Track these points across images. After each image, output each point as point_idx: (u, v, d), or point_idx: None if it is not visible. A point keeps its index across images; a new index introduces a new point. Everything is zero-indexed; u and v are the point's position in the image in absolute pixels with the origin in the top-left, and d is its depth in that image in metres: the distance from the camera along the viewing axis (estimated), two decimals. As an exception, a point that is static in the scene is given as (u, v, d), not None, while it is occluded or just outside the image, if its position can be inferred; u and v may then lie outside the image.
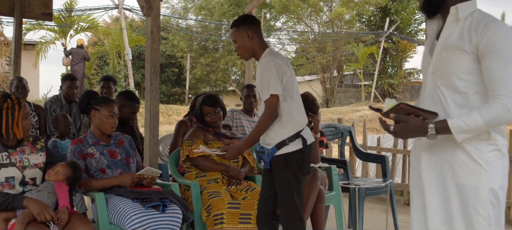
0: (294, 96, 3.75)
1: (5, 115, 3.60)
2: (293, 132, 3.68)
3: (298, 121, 3.73)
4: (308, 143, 3.72)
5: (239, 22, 3.87)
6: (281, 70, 3.66)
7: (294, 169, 3.69)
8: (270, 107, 3.65)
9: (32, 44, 24.26)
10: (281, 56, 3.86)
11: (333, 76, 32.70)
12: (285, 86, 3.68)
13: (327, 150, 8.11)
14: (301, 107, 3.81)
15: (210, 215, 4.30)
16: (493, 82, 2.43)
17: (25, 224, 3.43)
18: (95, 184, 4.11)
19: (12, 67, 7.77)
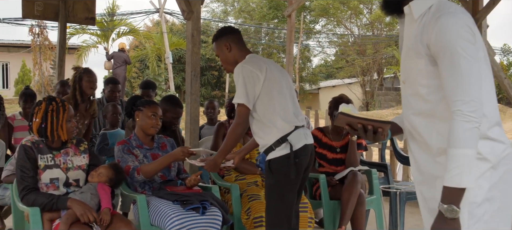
0: (275, 100, 3.60)
1: (50, 117, 3.69)
2: (278, 137, 3.55)
3: (281, 125, 3.57)
4: (296, 147, 3.54)
5: (217, 36, 3.83)
6: (252, 77, 3.55)
7: (278, 175, 3.56)
8: (238, 117, 3.59)
9: (76, 48, 24.72)
10: (257, 61, 3.69)
11: (373, 79, 32.43)
12: (262, 92, 3.57)
13: (367, 153, 8.04)
14: (285, 110, 3.62)
15: (249, 217, 4.31)
16: (447, 91, 2.12)
17: (69, 224, 3.49)
18: (151, 167, 4.14)
19: (56, 70, 7.92)
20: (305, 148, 3.61)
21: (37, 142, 3.73)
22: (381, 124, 2.29)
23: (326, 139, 5.23)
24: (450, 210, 2.05)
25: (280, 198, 3.58)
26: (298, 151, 3.55)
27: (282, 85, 3.67)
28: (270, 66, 3.68)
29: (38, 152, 3.70)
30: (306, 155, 3.62)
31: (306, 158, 3.64)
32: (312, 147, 3.72)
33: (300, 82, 30.95)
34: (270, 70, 3.63)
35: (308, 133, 3.71)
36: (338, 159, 5.16)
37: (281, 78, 3.70)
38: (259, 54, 32.12)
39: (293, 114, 3.66)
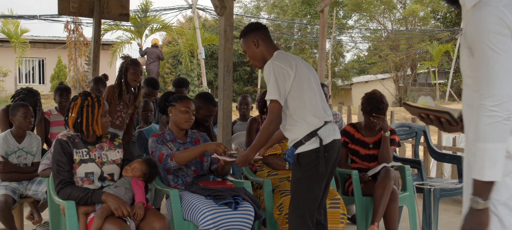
0: (306, 96, 3.63)
1: (86, 112, 3.75)
2: (308, 131, 3.58)
3: (311, 120, 3.60)
4: (325, 142, 3.58)
5: (245, 32, 3.86)
6: (283, 73, 3.58)
7: (306, 169, 3.60)
8: (271, 113, 3.60)
9: (110, 44, 25.01)
10: (286, 57, 3.71)
11: (407, 74, 32.11)
12: (293, 88, 3.60)
13: (400, 149, 7.97)
14: (315, 106, 3.65)
15: (281, 213, 4.31)
16: (478, 83, 2.12)
17: (103, 218, 3.54)
18: (185, 154, 4.16)
19: (91, 66, 8.03)
20: (334, 142, 3.64)
21: (72, 137, 3.80)
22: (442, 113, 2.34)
23: (359, 135, 5.20)
24: (474, 201, 2.09)
25: (306, 191, 3.61)
26: (328, 145, 3.59)
27: (311, 81, 3.70)
28: (299, 62, 3.71)
29: (74, 147, 3.76)
30: (334, 149, 3.65)
31: (334, 153, 3.67)
32: (340, 142, 3.75)
33: (333, 78, 30.82)
34: (299, 66, 3.66)
35: (336, 128, 3.74)
36: (371, 155, 5.13)
37: (309, 74, 3.73)
38: (291, 50, 32.24)
39: (322, 109, 3.68)
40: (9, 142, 5.03)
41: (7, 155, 5.01)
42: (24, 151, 5.09)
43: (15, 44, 23.92)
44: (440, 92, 28.98)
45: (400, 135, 6.18)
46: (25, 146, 5.10)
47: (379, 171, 4.92)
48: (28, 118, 5.03)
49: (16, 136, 5.07)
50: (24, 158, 5.10)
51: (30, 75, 27.49)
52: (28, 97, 5.61)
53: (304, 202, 3.61)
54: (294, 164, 3.69)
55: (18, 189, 5.00)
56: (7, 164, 4.98)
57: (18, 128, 5.06)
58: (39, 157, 5.17)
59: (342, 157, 5.24)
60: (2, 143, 4.98)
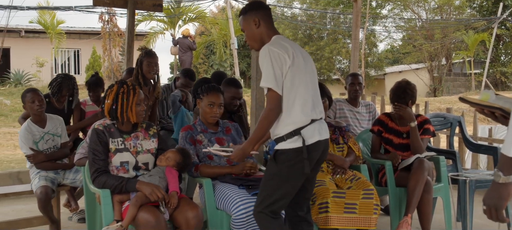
0: (297, 89, 3.39)
1: (121, 99, 3.80)
2: (291, 129, 3.36)
3: (296, 117, 3.37)
4: (308, 142, 3.36)
5: (246, 10, 3.62)
6: (280, 60, 3.34)
7: (282, 167, 3.39)
8: (269, 102, 3.37)
9: (143, 34, 25.23)
10: (284, 44, 3.44)
11: (441, 64, 31.69)
12: (286, 77, 3.36)
13: (435, 140, 7.89)
14: (304, 101, 3.40)
15: (314, 203, 4.30)
16: None
17: (138, 206, 3.58)
18: (209, 170, 4.21)
19: (125, 57, 8.11)
20: (318, 144, 3.43)
21: (108, 126, 3.85)
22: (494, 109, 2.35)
23: (393, 124, 5.16)
24: (496, 174, 2.18)
25: (276, 189, 3.43)
26: (311, 146, 3.39)
27: (306, 72, 3.47)
28: (296, 51, 3.47)
29: (110, 136, 3.82)
30: (317, 150, 3.45)
31: (318, 154, 3.46)
32: (325, 142, 3.53)
33: (366, 68, 30.57)
34: (296, 55, 3.43)
35: (323, 127, 3.53)
36: (405, 144, 5.08)
37: (305, 65, 3.50)
38: (324, 40, 32.05)
39: (312, 106, 3.45)
40: (33, 131, 5.10)
41: (36, 143, 5.08)
42: (50, 134, 5.16)
43: (51, 35, 24.32)
44: (476, 82, 28.53)
45: (435, 125, 6.11)
46: (49, 129, 5.17)
47: (412, 162, 4.88)
48: (36, 102, 5.09)
49: (37, 122, 5.13)
50: (52, 140, 5.17)
51: (65, 66, 27.91)
52: (64, 82, 5.73)
53: (272, 199, 3.43)
54: (270, 159, 3.52)
55: (56, 179, 5.09)
56: (37, 155, 5.06)
57: (33, 114, 5.14)
58: (65, 137, 5.25)
59: (375, 146, 5.21)
60: (26, 134, 5.04)
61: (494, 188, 2.20)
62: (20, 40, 26.22)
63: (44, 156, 5.07)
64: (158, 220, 3.52)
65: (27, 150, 5.02)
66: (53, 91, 5.70)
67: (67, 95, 5.75)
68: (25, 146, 5.03)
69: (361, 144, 5.47)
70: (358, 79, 6.17)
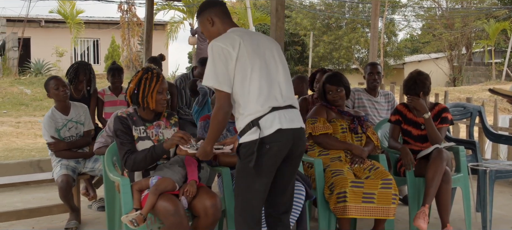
0: (249, 79, 3.22)
1: (143, 85, 3.82)
2: (248, 120, 3.19)
3: (252, 107, 3.20)
4: (266, 132, 3.16)
5: (199, 12, 3.51)
6: (224, 55, 3.19)
7: (244, 162, 3.23)
8: (217, 101, 3.25)
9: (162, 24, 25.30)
10: (232, 36, 3.28)
11: (461, 53, 31.41)
12: (237, 70, 3.20)
13: (455, 130, 7.83)
14: (259, 90, 3.22)
15: (332, 193, 4.31)
16: None
17: (157, 195, 3.60)
18: (228, 160, 4.23)
19: (144, 46, 8.15)
20: (280, 133, 3.19)
21: (131, 114, 3.88)
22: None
23: (411, 115, 5.13)
24: None
25: (245, 187, 3.29)
26: (270, 136, 3.17)
27: (261, 60, 3.28)
28: (247, 41, 3.28)
29: (132, 124, 3.85)
30: (280, 141, 3.21)
31: (281, 145, 3.22)
32: (293, 131, 3.27)
33: (385, 57, 30.40)
34: (245, 45, 3.24)
35: (288, 116, 3.28)
36: (424, 136, 5.05)
37: (263, 52, 3.33)
38: (342, 30, 31.89)
39: (269, 94, 3.24)
40: (56, 118, 5.15)
41: (58, 130, 5.14)
42: (73, 122, 5.21)
43: (70, 25, 24.50)
44: (497, 72, 28.23)
45: (455, 115, 6.06)
46: (73, 116, 5.22)
47: (431, 152, 4.85)
48: (60, 88, 5.14)
49: (61, 110, 5.19)
50: (75, 128, 5.22)
51: (85, 55, 28.13)
52: (80, 67, 5.80)
53: (244, 199, 3.31)
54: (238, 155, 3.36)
55: (77, 168, 5.14)
56: (58, 143, 5.11)
57: (57, 101, 5.19)
58: (89, 125, 5.30)
59: (394, 134, 5.18)
60: (49, 122, 5.10)
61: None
62: (40, 30, 26.46)
63: (65, 144, 5.12)
64: (177, 208, 3.54)
65: (49, 138, 5.08)
66: (70, 78, 5.76)
67: (84, 81, 5.79)
68: (47, 133, 5.09)
69: (379, 133, 5.45)
70: (377, 69, 6.14)
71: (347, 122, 4.84)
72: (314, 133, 4.74)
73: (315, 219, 4.95)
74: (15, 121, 14.74)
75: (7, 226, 5.15)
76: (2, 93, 17.45)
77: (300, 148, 3.40)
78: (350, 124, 4.82)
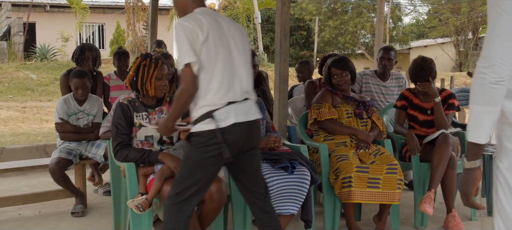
0: (212, 67, 3.11)
1: (142, 71, 3.80)
2: (204, 110, 3.10)
3: (211, 99, 3.10)
4: (222, 125, 3.08)
5: None
6: (191, 35, 3.07)
7: (195, 150, 3.15)
8: (183, 80, 3.09)
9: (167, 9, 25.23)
10: (199, 18, 3.14)
11: (468, 39, 31.28)
12: (201, 55, 3.08)
13: (461, 115, 7.81)
14: (221, 81, 3.12)
15: (338, 178, 4.31)
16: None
17: (163, 180, 3.61)
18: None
19: (149, 31, 8.14)
20: (235, 127, 3.12)
21: (133, 100, 3.87)
22: None
23: (417, 100, 5.11)
24: (462, 160, 2.20)
25: (189, 174, 3.19)
26: (226, 129, 3.09)
27: (227, 49, 3.20)
28: (214, 27, 3.16)
29: (134, 110, 3.84)
30: (235, 134, 3.13)
31: (236, 138, 3.14)
32: (248, 125, 3.20)
33: (391, 42, 30.29)
34: (212, 31, 3.13)
35: (245, 109, 3.21)
36: (430, 121, 5.04)
37: (228, 40, 3.23)
38: (348, 14, 31.74)
39: (229, 87, 3.16)
40: (70, 104, 5.19)
41: (68, 116, 5.17)
42: (85, 113, 5.24)
43: (75, 10, 24.48)
44: (503, 57, 28.08)
45: (460, 100, 6.04)
46: (86, 108, 5.25)
47: (437, 137, 4.84)
48: (79, 90, 5.16)
49: (77, 99, 5.22)
50: (85, 119, 5.24)
51: (90, 40, 28.13)
52: (85, 45, 5.89)
53: (184, 185, 3.18)
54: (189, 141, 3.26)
55: (77, 149, 5.15)
56: (65, 124, 5.15)
57: (75, 97, 5.23)
58: (99, 118, 5.31)
59: (399, 119, 5.18)
60: (62, 105, 5.17)
61: (463, 174, 2.20)
62: (45, 15, 26.45)
63: (72, 127, 5.16)
64: (182, 194, 3.55)
65: (57, 119, 5.13)
66: (76, 58, 5.80)
67: (90, 58, 5.81)
68: (57, 114, 5.17)
69: (385, 118, 5.45)
70: (389, 55, 6.07)
71: (353, 107, 4.84)
72: (319, 118, 4.74)
73: (320, 204, 4.96)
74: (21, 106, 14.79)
75: (14, 210, 5.18)
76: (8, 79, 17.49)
77: (256, 140, 3.36)
78: (355, 109, 4.82)
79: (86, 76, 5.19)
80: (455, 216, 4.67)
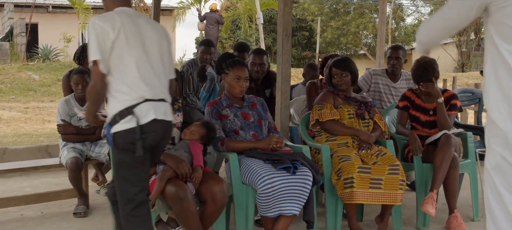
0: (125, 65, 3.16)
1: None
2: (122, 107, 3.13)
3: (127, 94, 3.14)
4: (142, 121, 3.13)
5: None
6: (102, 34, 3.11)
7: (122, 151, 3.17)
8: (92, 77, 3.16)
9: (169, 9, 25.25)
10: (113, 16, 3.20)
11: (470, 39, 31.21)
12: (113, 53, 3.12)
13: (463, 116, 7.80)
14: (135, 78, 3.17)
15: (340, 178, 4.31)
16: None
17: (165, 180, 3.62)
18: (235, 145, 4.23)
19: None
20: (155, 123, 3.18)
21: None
22: None
23: (419, 101, 5.11)
24: None
25: (127, 180, 3.22)
26: (145, 125, 3.14)
27: (141, 49, 3.24)
28: (128, 26, 3.20)
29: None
30: (154, 131, 3.20)
31: (155, 135, 3.21)
32: (165, 124, 3.28)
33: (393, 43, 30.25)
34: (125, 30, 3.16)
35: (162, 108, 3.27)
36: (432, 122, 5.04)
37: (144, 40, 3.27)
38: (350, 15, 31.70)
39: (145, 85, 3.20)
40: (71, 105, 5.21)
41: (70, 117, 5.18)
42: None
43: (78, 11, 24.47)
44: (505, 57, 28.02)
45: (463, 101, 6.04)
46: None
47: (439, 138, 4.84)
48: (79, 85, 5.18)
49: (78, 100, 5.23)
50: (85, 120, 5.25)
51: (92, 41, 28.06)
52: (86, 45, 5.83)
53: (130, 194, 3.22)
54: (112, 145, 3.25)
55: (84, 151, 5.18)
56: (67, 126, 5.16)
57: (76, 95, 5.24)
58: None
59: (401, 120, 5.18)
60: (63, 106, 5.19)
61: None
62: (47, 16, 26.45)
63: (74, 128, 5.17)
64: (185, 194, 3.56)
65: (59, 120, 5.15)
66: (78, 57, 5.82)
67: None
68: (59, 115, 5.19)
69: (387, 119, 5.44)
70: (397, 53, 6.00)
71: (354, 107, 4.83)
72: (321, 119, 4.74)
73: (322, 205, 4.96)
74: (23, 107, 14.79)
75: (16, 210, 5.19)
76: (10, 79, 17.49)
77: (166, 141, 3.43)
78: (357, 109, 4.82)
79: (86, 73, 5.21)
80: (457, 216, 4.66)
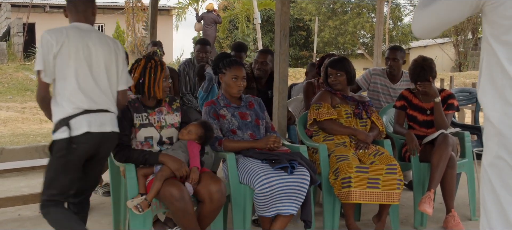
0: (68, 78, 3.40)
1: (148, 74, 3.82)
2: (62, 115, 3.38)
3: (65, 106, 3.39)
4: (75, 133, 3.36)
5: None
6: (47, 46, 3.36)
7: (55, 158, 3.44)
8: (38, 86, 3.45)
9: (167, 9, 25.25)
10: (61, 31, 3.44)
11: (467, 39, 31.25)
12: (57, 66, 3.39)
13: (460, 116, 7.81)
14: (74, 90, 3.40)
15: (337, 178, 4.31)
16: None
17: (162, 180, 3.61)
18: (232, 145, 4.24)
19: (148, 31, 8.13)
20: (87, 135, 3.39)
21: (133, 101, 3.88)
22: None
23: (417, 101, 5.12)
24: None
25: (52, 181, 3.49)
26: (77, 137, 3.36)
27: (85, 62, 3.45)
28: (74, 40, 3.43)
29: (134, 111, 3.85)
30: (87, 143, 3.41)
31: (86, 146, 3.42)
32: (101, 135, 3.48)
33: (390, 42, 30.27)
34: (69, 44, 3.40)
35: (100, 120, 3.47)
36: (429, 121, 5.04)
37: (89, 54, 3.48)
38: (348, 15, 31.73)
39: (84, 96, 3.42)
40: None
41: None
42: None
43: (75, 10, 24.36)
44: (502, 57, 28.05)
45: (460, 100, 6.05)
46: None
47: (436, 137, 4.84)
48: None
49: None
50: None
51: (90, 41, 28.04)
52: None
53: (49, 193, 3.50)
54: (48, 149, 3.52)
55: None
56: None
57: None
58: None
59: (399, 120, 5.18)
60: None
61: None
62: (45, 16, 26.43)
63: None
64: (183, 194, 3.55)
65: None
66: None
67: None
68: None
69: (384, 118, 5.45)
70: (394, 54, 6.01)
71: (352, 107, 4.84)
72: (318, 119, 4.74)
73: (320, 204, 4.96)
74: (20, 106, 14.77)
75: (13, 210, 5.18)
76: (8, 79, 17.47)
77: (107, 150, 3.66)
78: (355, 109, 4.82)
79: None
80: (455, 216, 4.67)
